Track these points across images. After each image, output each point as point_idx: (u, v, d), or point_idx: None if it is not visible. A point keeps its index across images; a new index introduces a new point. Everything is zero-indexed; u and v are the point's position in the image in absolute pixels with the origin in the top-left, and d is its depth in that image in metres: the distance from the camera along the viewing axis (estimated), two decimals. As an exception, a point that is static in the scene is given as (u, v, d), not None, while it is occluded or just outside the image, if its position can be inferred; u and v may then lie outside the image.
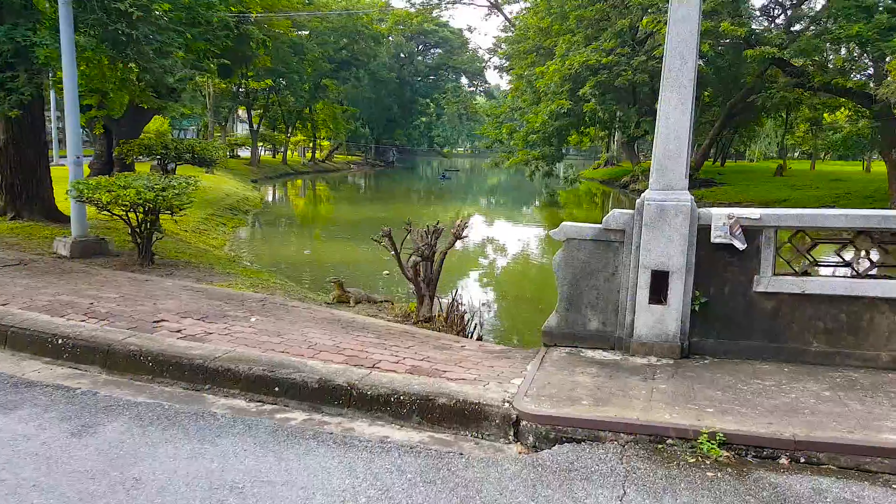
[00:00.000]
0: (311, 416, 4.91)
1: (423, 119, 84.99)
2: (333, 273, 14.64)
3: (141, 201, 8.72)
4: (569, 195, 42.19)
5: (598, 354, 5.96)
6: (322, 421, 4.82)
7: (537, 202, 40.36)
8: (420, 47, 79.61)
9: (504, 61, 47.41)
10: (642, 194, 6.00)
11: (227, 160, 43.14)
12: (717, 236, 5.53)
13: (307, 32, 48.96)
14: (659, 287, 5.84)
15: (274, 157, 56.29)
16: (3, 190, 12.69)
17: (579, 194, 44.49)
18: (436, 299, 9.26)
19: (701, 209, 5.70)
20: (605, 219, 6.04)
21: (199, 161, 13.56)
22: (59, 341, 6.06)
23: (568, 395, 4.75)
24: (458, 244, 9.40)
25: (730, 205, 23.96)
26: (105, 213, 9.39)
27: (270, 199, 35.63)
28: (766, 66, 23.44)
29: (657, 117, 5.86)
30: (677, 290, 5.63)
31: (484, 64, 68.23)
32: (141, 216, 9.40)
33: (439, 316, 8.77)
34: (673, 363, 5.64)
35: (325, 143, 64.05)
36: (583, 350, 6.09)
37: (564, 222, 6.19)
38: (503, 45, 44.38)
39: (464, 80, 78.91)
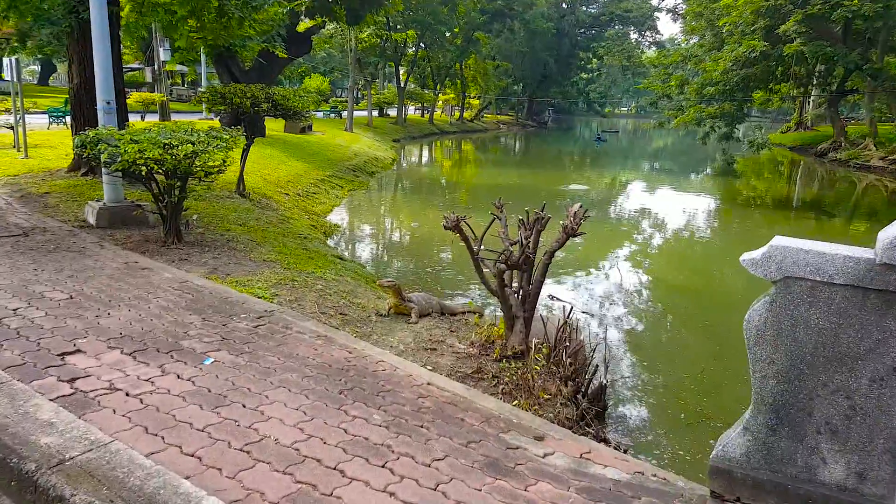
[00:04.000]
0: None
1: (583, 75, 78.65)
2: (436, 255, 11.94)
3: (143, 161, 6.44)
4: (748, 163, 35.63)
5: (847, 557, 2.55)
6: None
7: (709, 170, 34.52)
8: (584, -6, 72.95)
9: (679, 1, 40.93)
10: None
11: (373, 118, 42.00)
12: None
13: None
14: None
15: (423, 115, 54.74)
16: (78, 142, 11.31)
17: (761, 162, 37.61)
18: (539, 315, 6.19)
19: None
20: (883, 237, 2.54)
21: (283, 113, 11.24)
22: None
23: None
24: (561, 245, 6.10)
25: None
26: (118, 174, 7.33)
27: (406, 159, 33.74)
28: None
29: None
30: None
31: (656, 5, 60.09)
32: (162, 181, 7.20)
33: (538, 349, 5.68)
34: None
35: (475, 101, 61.32)
36: (805, 534, 2.71)
37: (776, 239, 2.77)
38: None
39: (631, 33, 71.13)
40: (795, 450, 2.80)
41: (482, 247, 5.79)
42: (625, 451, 5.29)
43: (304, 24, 22.05)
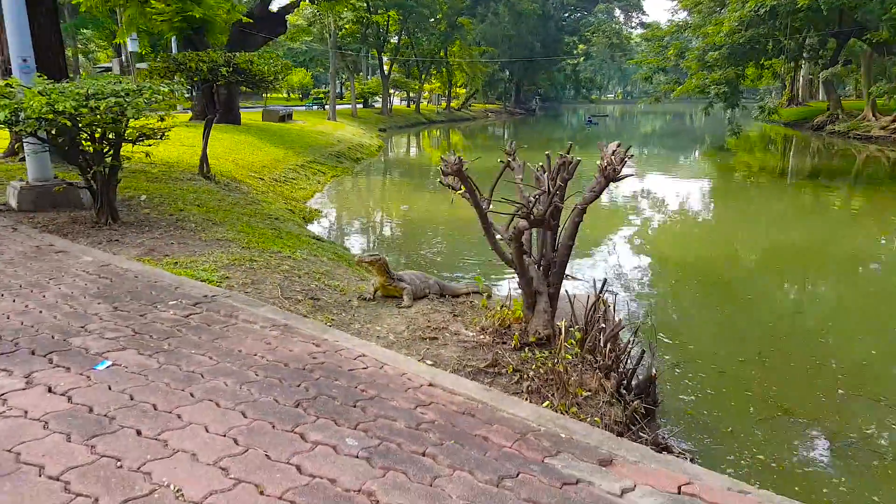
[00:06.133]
0: None
1: (570, 62, 77.19)
2: (430, 238, 10.58)
3: (51, 116, 5.05)
4: (743, 141, 34.29)
5: None
6: None
7: (700, 149, 33.21)
8: (568, -23, 71.24)
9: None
10: None
11: (358, 109, 40.47)
12: None
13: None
14: None
15: (409, 106, 53.24)
16: (13, 123, 9.86)
17: (754, 139, 36.33)
18: (565, 290, 4.88)
19: None
20: None
21: (247, 80, 9.84)
22: None
23: None
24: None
25: None
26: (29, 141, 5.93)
27: (393, 148, 32.29)
28: None
29: None
30: None
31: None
32: (87, 146, 5.80)
33: (567, 337, 4.39)
34: None
35: (461, 90, 59.83)
36: None
37: None
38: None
39: (617, 12, 69.46)
40: None
41: (490, 202, 4.46)
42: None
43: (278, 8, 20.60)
